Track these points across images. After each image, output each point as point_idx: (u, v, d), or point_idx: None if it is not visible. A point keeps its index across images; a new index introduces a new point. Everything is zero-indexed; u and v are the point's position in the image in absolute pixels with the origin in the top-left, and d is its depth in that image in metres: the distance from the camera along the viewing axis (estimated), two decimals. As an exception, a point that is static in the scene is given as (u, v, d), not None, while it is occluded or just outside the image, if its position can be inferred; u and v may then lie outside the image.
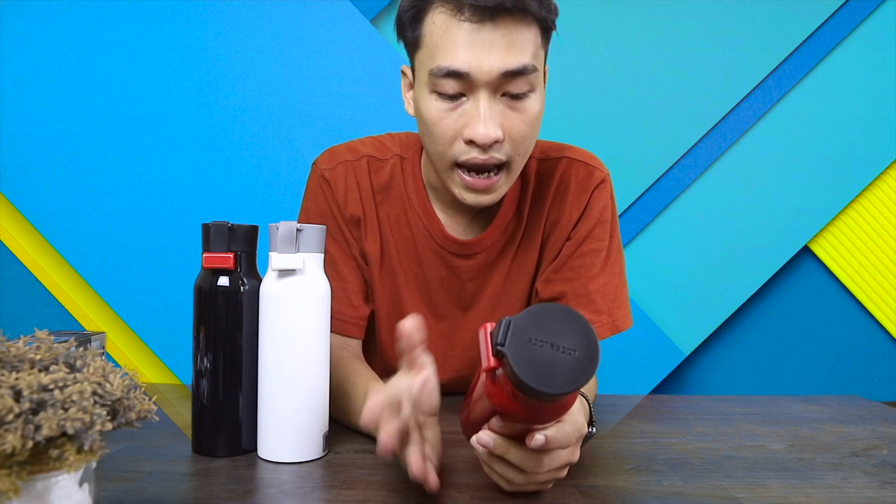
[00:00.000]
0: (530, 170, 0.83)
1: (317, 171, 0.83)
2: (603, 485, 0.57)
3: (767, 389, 1.73)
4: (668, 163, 1.67)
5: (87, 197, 1.63)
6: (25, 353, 0.40)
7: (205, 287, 0.62)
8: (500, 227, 0.81)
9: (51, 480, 0.37)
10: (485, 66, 0.65)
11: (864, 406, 0.89)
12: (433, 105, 0.69)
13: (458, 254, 0.82)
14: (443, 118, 0.68)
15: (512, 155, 0.70)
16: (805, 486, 0.57)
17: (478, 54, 0.64)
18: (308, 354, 0.61)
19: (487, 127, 0.66)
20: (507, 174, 0.72)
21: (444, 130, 0.69)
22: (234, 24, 1.63)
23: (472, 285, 0.83)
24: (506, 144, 0.69)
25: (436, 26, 0.67)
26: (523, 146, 0.70)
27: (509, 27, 0.65)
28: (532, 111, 0.69)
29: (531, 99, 0.69)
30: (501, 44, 0.65)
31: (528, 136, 0.70)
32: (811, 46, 1.67)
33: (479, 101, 0.67)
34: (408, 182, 0.82)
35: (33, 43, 1.62)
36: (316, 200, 0.83)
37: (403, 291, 0.83)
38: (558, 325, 0.41)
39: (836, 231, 1.71)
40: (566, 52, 1.66)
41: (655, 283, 1.69)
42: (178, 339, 1.63)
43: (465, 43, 0.65)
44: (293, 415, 0.61)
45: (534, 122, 0.70)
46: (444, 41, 0.66)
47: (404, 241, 0.83)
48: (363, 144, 0.85)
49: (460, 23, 0.65)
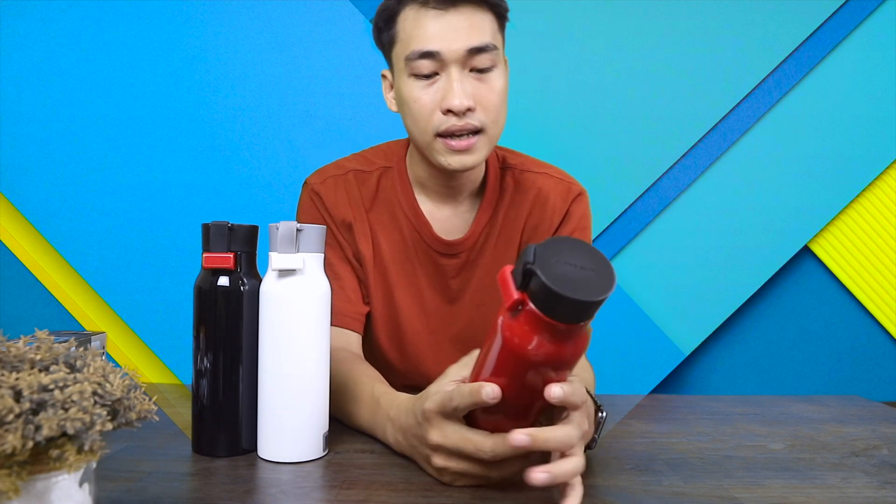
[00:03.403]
0: (509, 178, 0.91)
1: (307, 188, 0.90)
2: (603, 485, 0.57)
3: (767, 389, 1.73)
4: (668, 163, 1.67)
5: (87, 197, 1.63)
6: (25, 353, 0.40)
7: (205, 287, 0.62)
8: (479, 227, 0.89)
9: (51, 480, 0.37)
10: (453, 45, 0.76)
11: (864, 406, 0.89)
12: (412, 86, 0.79)
13: (444, 253, 0.89)
14: (421, 96, 0.78)
15: (485, 122, 0.79)
16: (805, 486, 0.57)
17: (445, 36, 0.76)
18: (308, 354, 0.61)
19: (460, 97, 0.76)
20: (483, 138, 0.80)
21: (423, 106, 0.78)
22: (234, 24, 1.63)
23: (456, 282, 0.91)
24: (478, 112, 0.78)
25: (407, 21, 0.78)
26: (494, 114, 0.79)
27: (469, 12, 0.76)
28: (497, 84, 0.79)
29: (495, 73, 0.79)
30: (464, 26, 0.76)
31: (497, 106, 0.79)
32: (811, 46, 1.67)
33: (451, 76, 0.77)
34: (395, 187, 0.90)
35: (33, 43, 1.62)
36: (308, 213, 0.89)
37: (396, 290, 0.90)
38: (574, 250, 0.46)
39: (836, 231, 1.71)
40: (567, 52, 1.66)
41: (655, 283, 1.69)
42: (178, 339, 1.63)
43: (434, 28, 0.76)
44: (293, 415, 0.61)
45: (500, 94, 0.79)
46: (416, 30, 0.77)
47: (394, 242, 0.89)
48: (348, 161, 0.92)
49: (427, 11, 0.76)
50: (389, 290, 0.90)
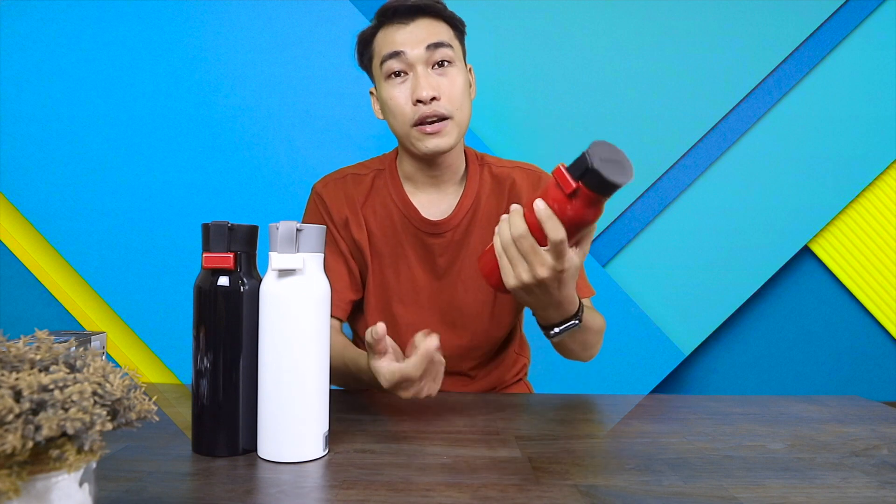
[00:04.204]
0: (487, 173, 1.04)
1: (313, 192, 1.05)
2: (603, 485, 0.57)
3: (767, 389, 1.73)
4: (668, 163, 1.68)
5: (87, 197, 1.63)
6: (25, 353, 0.40)
7: (205, 287, 0.62)
8: (463, 210, 1.01)
9: (51, 480, 0.37)
10: (415, 45, 0.92)
11: (864, 406, 0.89)
12: (388, 87, 0.94)
13: (430, 233, 1.00)
14: (396, 94, 0.93)
15: (450, 110, 0.93)
16: (805, 486, 0.57)
17: (408, 40, 0.93)
18: (308, 354, 0.61)
19: (425, 88, 0.91)
20: (451, 123, 0.93)
21: (398, 102, 0.93)
22: (234, 24, 1.64)
23: (442, 260, 1.01)
24: (444, 101, 0.92)
25: (379, 38, 0.96)
26: (458, 102, 0.93)
27: (426, 22, 0.94)
28: (458, 79, 0.94)
29: (454, 69, 0.94)
30: (423, 31, 0.93)
31: (459, 96, 0.94)
32: (811, 46, 1.67)
33: (416, 72, 0.92)
34: (387, 182, 1.03)
35: (33, 43, 1.62)
36: (312, 213, 1.04)
37: (388, 270, 1.02)
38: (603, 148, 0.65)
39: (836, 231, 1.71)
40: (567, 52, 1.66)
41: (655, 283, 1.69)
42: (178, 339, 1.63)
43: (399, 35, 0.93)
44: (293, 415, 0.61)
45: (461, 87, 0.94)
46: (385, 41, 0.94)
47: (385, 228, 1.01)
48: (348, 168, 1.06)
49: (392, 25, 0.94)
50: (382, 272, 1.02)
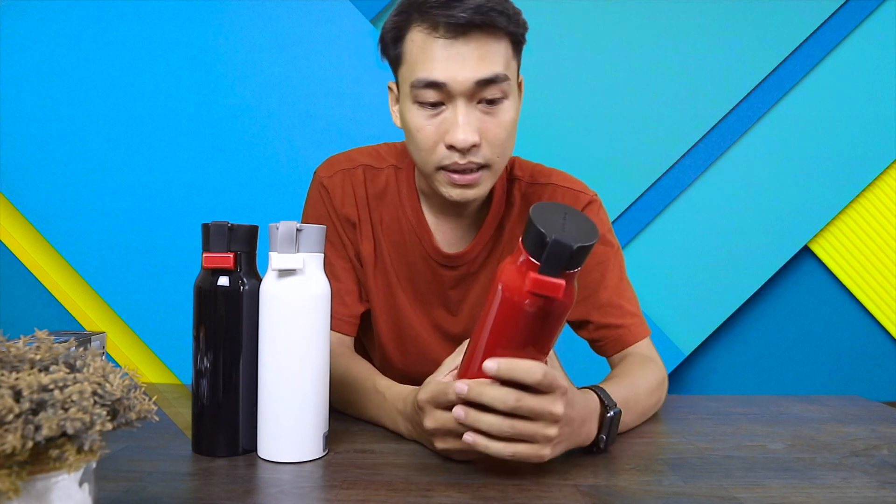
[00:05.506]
0: (516, 191, 0.88)
1: (316, 179, 0.89)
2: (603, 485, 0.57)
3: (767, 389, 1.73)
4: (668, 163, 1.67)
5: (87, 197, 1.63)
6: (25, 353, 0.40)
7: (205, 287, 0.62)
8: (482, 242, 0.87)
9: (51, 480, 0.37)
10: (459, 76, 0.71)
11: (864, 406, 0.89)
12: (416, 114, 0.75)
13: (443, 265, 0.88)
14: (425, 126, 0.74)
15: (490, 158, 0.75)
16: (805, 486, 0.57)
17: (452, 66, 0.71)
18: (308, 354, 0.61)
19: (465, 132, 0.72)
20: (488, 172, 0.76)
21: (426, 137, 0.74)
22: (234, 24, 1.63)
23: (455, 293, 0.89)
24: (484, 148, 0.74)
25: (414, 44, 0.73)
26: (500, 149, 0.75)
27: (480, 41, 0.71)
28: (507, 117, 0.75)
29: (505, 105, 0.74)
30: (473, 56, 0.71)
31: (504, 140, 0.75)
32: (811, 46, 1.66)
33: (456, 108, 0.72)
34: (402, 190, 0.88)
35: (33, 43, 1.62)
36: (315, 206, 0.89)
37: (396, 290, 0.89)
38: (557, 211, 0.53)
39: (836, 231, 1.70)
40: (567, 52, 1.66)
41: (655, 283, 1.69)
42: (178, 339, 1.63)
43: (441, 57, 0.71)
44: (293, 415, 0.61)
45: (509, 126, 0.75)
46: (422, 56, 0.72)
47: (396, 245, 0.88)
48: (360, 154, 0.90)
49: (436, 39, 0.71)
50: (391, 290, 0.89)
